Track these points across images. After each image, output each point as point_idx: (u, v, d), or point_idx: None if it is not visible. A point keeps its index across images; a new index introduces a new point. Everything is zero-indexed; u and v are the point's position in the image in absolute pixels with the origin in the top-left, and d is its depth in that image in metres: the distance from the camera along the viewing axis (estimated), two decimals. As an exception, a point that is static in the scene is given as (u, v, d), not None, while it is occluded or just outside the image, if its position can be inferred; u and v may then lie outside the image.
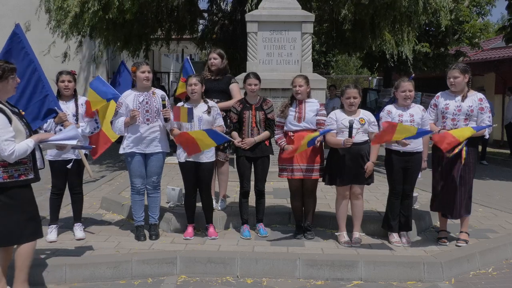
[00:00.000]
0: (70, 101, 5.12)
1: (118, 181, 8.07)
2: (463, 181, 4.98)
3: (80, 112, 5.11)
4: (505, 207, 6.92)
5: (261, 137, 5.18)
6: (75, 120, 5.03)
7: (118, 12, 9.35)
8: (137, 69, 5.04)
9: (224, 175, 5.92)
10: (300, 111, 5.05)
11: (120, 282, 4.38)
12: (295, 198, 5.25)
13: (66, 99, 5.12)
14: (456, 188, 4.95)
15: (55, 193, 5.17)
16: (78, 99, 5.17)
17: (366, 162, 4.87)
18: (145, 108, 5.03)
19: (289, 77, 6.52)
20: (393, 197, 5.10)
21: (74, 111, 5.07)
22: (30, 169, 3.78)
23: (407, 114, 4.98)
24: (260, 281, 4.43)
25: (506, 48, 16.09)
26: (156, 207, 5.30)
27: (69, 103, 5.10)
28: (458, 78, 4.96)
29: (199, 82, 5.07)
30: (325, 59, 30.62)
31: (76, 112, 5.08)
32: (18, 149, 3.57)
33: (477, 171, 5.31)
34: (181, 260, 4.56)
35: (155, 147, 5.08)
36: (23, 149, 3.60)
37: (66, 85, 5.07)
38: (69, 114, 5.01)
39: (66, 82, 5.07)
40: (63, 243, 5.00)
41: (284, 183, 5.95)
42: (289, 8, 7.59)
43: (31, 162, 3.80)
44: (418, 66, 17.31)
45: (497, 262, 4.91)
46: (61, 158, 4.98)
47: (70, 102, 5.11)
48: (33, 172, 3.81)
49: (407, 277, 4.46)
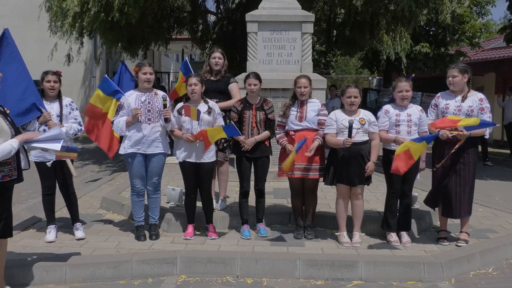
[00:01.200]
0: (54, 102, 5.07)
1: (118, 181, 8.07)
2: (463, 181, 4.98)
3: (64, 113, 5.06)
4: (505, 207, 6.92)
5: (262, 136, 5.18)
6: (59, 121, 4.99)
7: (120, 14, 9.34)
8: (139, 70, 5.04)
9: (224, 175, 5.92)
10: (301, 111, 5.06)
11: (120, 282, 4.38)
12: (295, 197, 5.25)
13: (50, 99, 5.06)
14: (456, 187, 4.96)
15: (46, 193, 5.16)
16: (63, 99, 5.13)
17: (367, 162, 4.87)
18: (147, 108, 5.03)
19: (289, 77, 6.54)
20: (391, 197, 5.11)
21: (58, 111, 5.03)
22: (14, 169, 3.75)
23: (405, 114, 4.99)
24: (260, 281, 4.43)
25: (506, 48, 16.09)
26: (157, 208, 5.30)
27: (53, 104, 5.06)
28: (457, 77, 4.97)
29: (199, 82, 5.07)
30: (325, 59, 30.66)
31: (60, 113, 5.04)
32: (2, 150, 3.51)
33: (477, 171, 5.30)
34: (181, 260, 4.56)
35: (156, 148, 5.08)
36: (7, 149, 3.53)
37: (51, 86, 5.02)
38: (53, 114, 4.97)
39: (51, 82, 5.02)
40: (63, 243, 5.00)
41: (284, 183, 5.96)
42: (289, 8, 7.59)
43: (15, 162, 3.76)
44: (418, 66, 17.33)
45: (497, 262, 4.91)
46: (46, 160, 4.92)
47: (54, 103, 5.06)
48: (17, 172, 3.78)
49: (407, 277, 4.46)
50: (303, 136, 4.93)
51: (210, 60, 5.92)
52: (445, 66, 15.59)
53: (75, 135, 5.20)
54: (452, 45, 18.01)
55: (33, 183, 5.94)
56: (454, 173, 5.00)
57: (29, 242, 5.02)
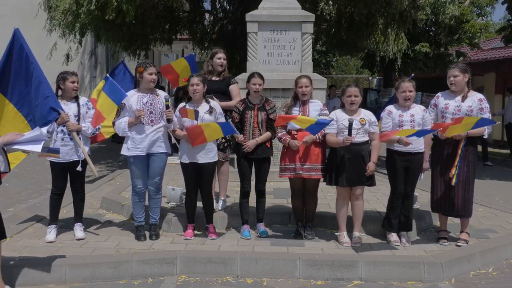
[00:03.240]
0: (72, 102, 5.08)
1: (118, 181, 8.07)
2: (462, 181, 4.98)
3: (81, 113, 5.07)
4: (505, 207, 6.92)
5: (263, 138, 5.18)
6: (76, 121, 5.01)
7: (117, 13, 9.32)
8: (144, 70, 5.02)
9: (224, 175, 5.92)
10: (304, 111, 5.07)
11: (120, 282, 4.38)
12: (296, 197, 5.25)
13: (68, 99, 5.08)
14: (456, 187, 4.95)
15: (55, 193, 5.16)
16: (79, 99, 5.15)
17: (367, 163, 4.87)
18: (149, 109, 5.03)
19: (289, 77, 6.54)
20: (394, 198, 5.09)
21: (76, 111, 5.04)
22: None
23: (408, 114, 4.98)
24: (260, 281, 4.43)
25: (506, 48, 16.08)
26: (157, 208, 5.30)
27: (71, 104, 5.06)
28: (458, 77, 4.97)
29: (201, 82, 5.07)
30: (325, 59, 30.68)
31: (78, 113, 5.04)
32: None
33: (477, 171, 5.31)
34: (181, 260, 4.56)
35: (158, 148, 5.08)
36: None
37: (76, 86, 5.06)
38: (71, 114, 4.97)
39: (76, 83, 5.05)
40: (63, 243, 5.01)
41: (284, 183, 5.96)
42: (289, 8, 7.59)
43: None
44: (418, 66, 17.33)
45: (497, 262, 4.91)
46: (64, 160, 4.95)
47: (71, 103, 5.07)
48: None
49: (407, 277, 4.46)
50: (305, 136, 4.92)
51: (214, 60, 5.89)
52: (445, 66, 15.60)
53: (93, 134, 5.21)
54: (451, 45, 18.00)
55: (33, 183, 5.96)
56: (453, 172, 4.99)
57: (29, 242, 5.02)
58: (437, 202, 5.16)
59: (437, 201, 5.16)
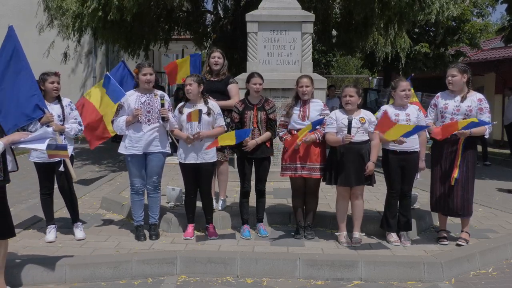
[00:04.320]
0: (55, 103, 5.04)
1: (118, 181, 8.07)
2: (462, 180, 4.98)
3: (65, 114, 5.03)
4: (505, 207, 6.92)
5: (263, 138, 5.18)
6: (60, 121, 4.97)
7: (118, 11, 9.32)
8: (139, 71, 5.04)
9: (224, 175, 5.92)
10: (304, 111, 5.08)
11: (120, 282, 4.38)
12: (296, 197, 5.25)
13: (51, 100, 5.02)
14: (456, 187, 4.95)
15: (44, 193, 5.16)
16: (62, 100, 5.10)
17: (367, 162, 4.87)
18: (146, 108, 5.04)
19: (289, 77, 6.55)
20: (391, 197, 5.11)
21: (59, 112, 4.99)
22: (0, 170, 3.73)
23: (404, 113, 5.00)
24: (260, 281, 4.43)
25: (506, 48, 16.08)
26: (157, 207, 5.30)
27: (54, 105, 5.01)
28: (456, 76, 4.97)
29: (194, 82, 5.05)
30: (325, 59, 30.64)
31: (62, 114, 5.01)
32: None
33: (477, 171, 5.30)
34: (181, 260, 4.56)
35: (155, 147, 5.08)
36: None
37: (56, 87, 4.99)
38: (54, 115, 4.91)
39: (56, 83, 4.99)
40: (63, 243, 5.01)
41: (285, 183, 5.96)
42: (289, 8, 7.59)
43: (1, 163, 3.74)
44: (418, 66, 17.32)
45: (497, 262, 4.91)
46: (47, 161, 4.88)
47: (54, 104, 5.03)
48: (3, 173, 3.76)
49: (407, 277, 4.46)
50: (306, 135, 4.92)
51: (210, 60, 5.93)
52: (445, 66, 15.59)
53: (76, 135, 5.19)
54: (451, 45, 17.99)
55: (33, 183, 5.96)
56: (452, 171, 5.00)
57: (29, 242, 5.02)
58: (437, 202, 5.17)
59: (436, 200, 5.16)
